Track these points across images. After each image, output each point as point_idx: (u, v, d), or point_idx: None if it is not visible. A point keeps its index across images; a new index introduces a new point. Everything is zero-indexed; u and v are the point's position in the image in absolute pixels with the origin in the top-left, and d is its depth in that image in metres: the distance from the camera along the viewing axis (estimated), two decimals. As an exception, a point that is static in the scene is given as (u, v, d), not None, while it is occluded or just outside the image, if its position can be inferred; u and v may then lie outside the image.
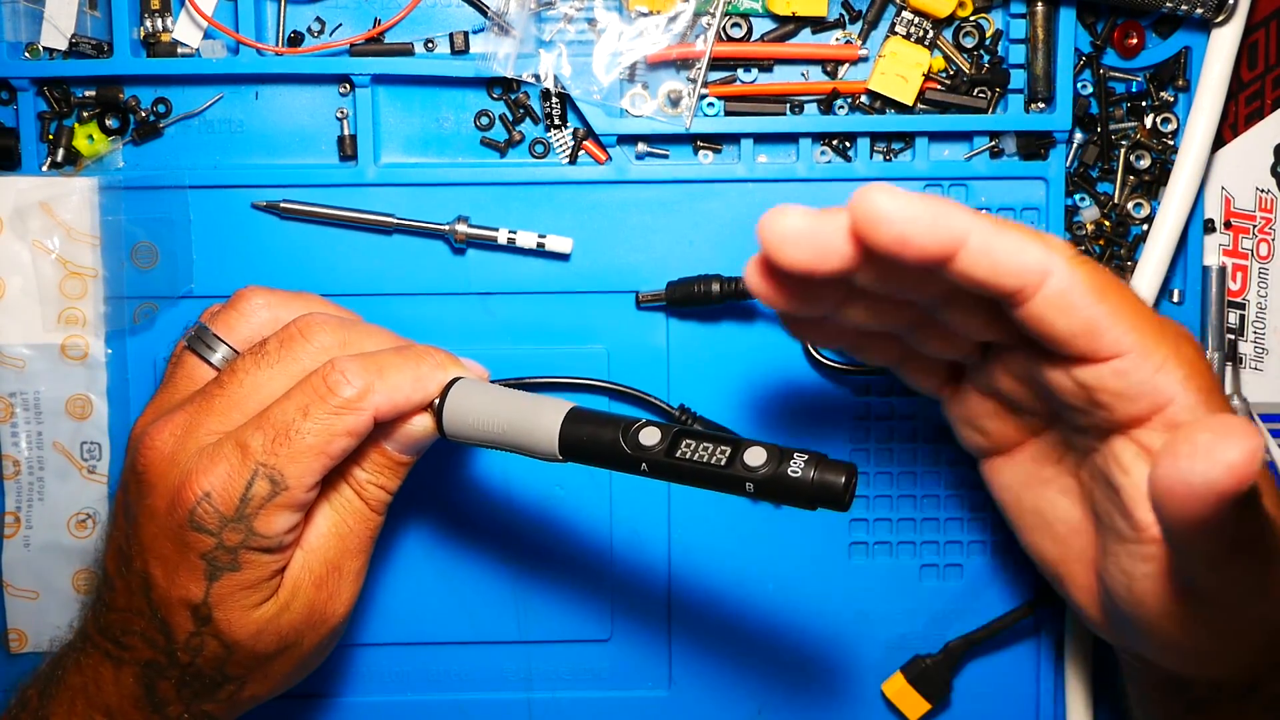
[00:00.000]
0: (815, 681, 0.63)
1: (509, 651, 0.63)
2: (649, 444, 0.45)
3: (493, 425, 0.48)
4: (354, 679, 0.63)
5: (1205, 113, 0.60)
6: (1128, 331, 0.41)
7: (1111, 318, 0.41)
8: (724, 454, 0.45)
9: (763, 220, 0.42)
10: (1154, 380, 0.42)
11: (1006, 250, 0.40)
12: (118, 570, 0.49)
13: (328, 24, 0.60)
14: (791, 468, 0.44)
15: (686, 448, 0.45)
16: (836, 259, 0.41)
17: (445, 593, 0.62)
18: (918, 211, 0.39)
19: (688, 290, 0.60)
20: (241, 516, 0.46)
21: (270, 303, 0.53)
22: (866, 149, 0.61)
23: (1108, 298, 0.41)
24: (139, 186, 0.60)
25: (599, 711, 0.63)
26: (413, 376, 0.48)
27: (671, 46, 0.59)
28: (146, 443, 0.48)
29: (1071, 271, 0.41)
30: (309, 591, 0.50)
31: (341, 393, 0.46)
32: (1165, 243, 0.60)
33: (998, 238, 0.40)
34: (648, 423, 0.46)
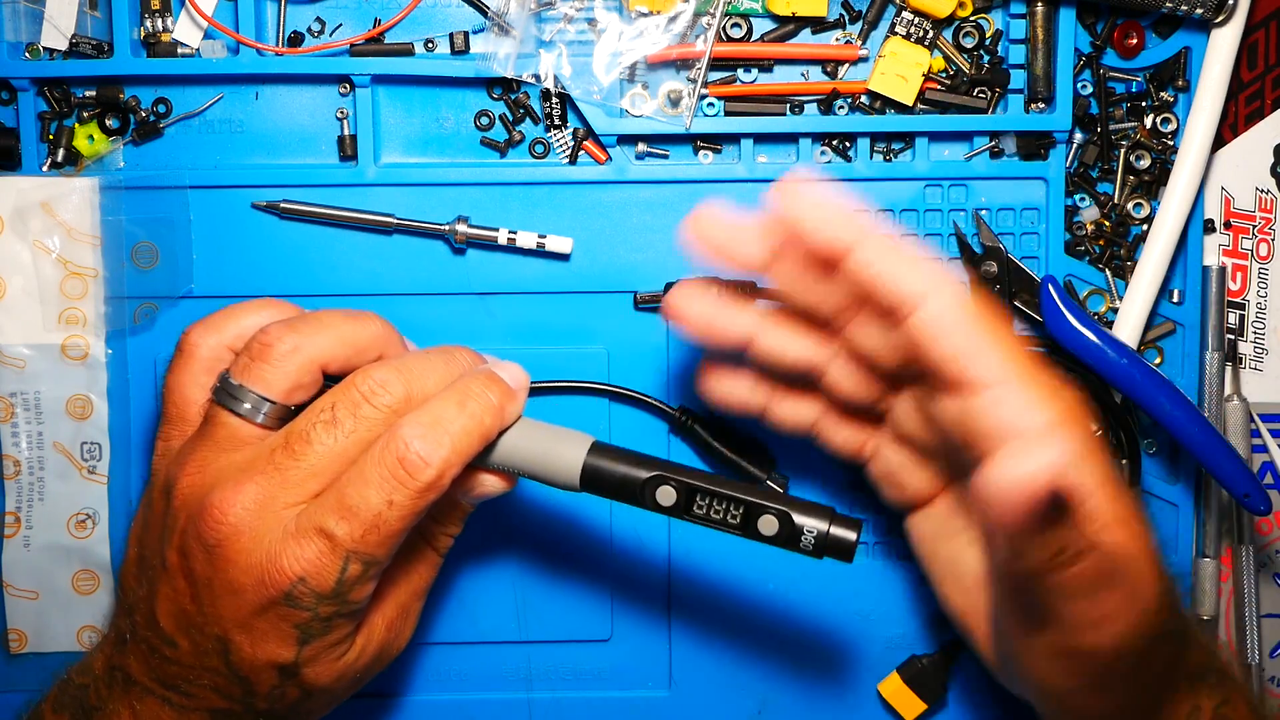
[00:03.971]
0: (814, 681, 0.63)
1: (509, 651, 0.63)
2: (665, 504, 0.49)
3: (517, 460, 0.49)
4: (354, 679, 0.63)
5: (1205, 113, 0.60)
6: (1000, 362, 0.43)
7: (985, 347, 0.43)
8: (736, 518, 0.48)
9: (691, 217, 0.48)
10: (1024, 414, 0.43)
11: (888, 270, 0.44)
12: (180, 630, 0.48)
13: (328, 24, 0.60)
14: (803, 540, 0.47)
15: (701, 506, 0.48)
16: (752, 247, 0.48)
17: (445, 593, 0.62)
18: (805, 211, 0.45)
19: (690, 479, 0.59)
20: (338, 595, 0.47)
21: (298, 345, 0.49)
22: (866, 149, 0.61)
23: (985, 328, 0.44)
24: (139, 186, 0.60)
25: (599, 711, 0.63)
26: (479, 435, 0.48)
27: (671, 46, 0.59)
28: (217, 516, 0.46)
29: (948, 300, 0.44)
30: (381, 634, 0.52)
31: (422, 478, 0.46)
32: (1165, 243, 0.60)
33: (882, 257, 0.45)
34: (663, 477, 0.48)
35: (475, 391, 0.48)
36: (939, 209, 0.61)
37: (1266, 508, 0.59)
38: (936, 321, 0.44)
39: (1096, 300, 0.62)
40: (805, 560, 0.62)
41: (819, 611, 0.63)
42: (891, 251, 0.45)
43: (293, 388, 0.49)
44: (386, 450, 0.46)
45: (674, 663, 0.63)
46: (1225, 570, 0.64)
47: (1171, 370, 0.62)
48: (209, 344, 0.51)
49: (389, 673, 0.63)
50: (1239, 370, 0.63)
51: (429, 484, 0.46)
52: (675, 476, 0.48)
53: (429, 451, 0.46)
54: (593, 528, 0.62)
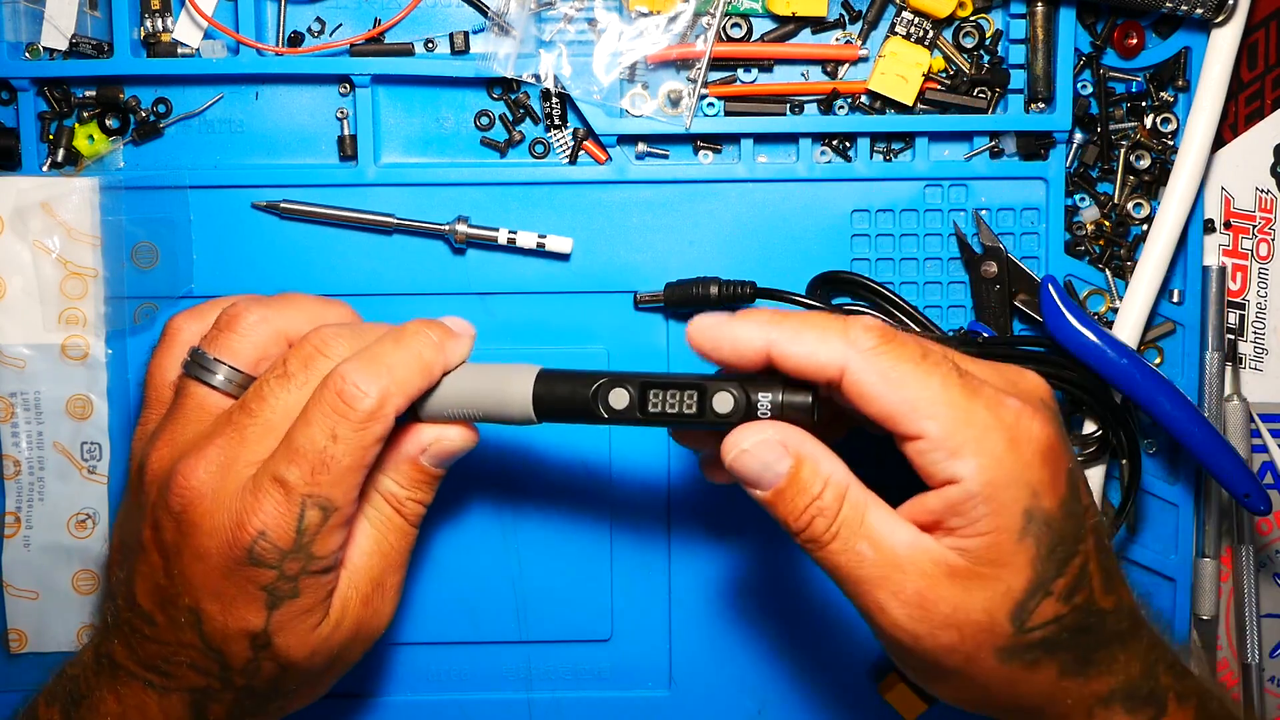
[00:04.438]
0: (814, 681, 0.63)
1: (509, 651, 0.63)
2: (620, 406, 0.48)
3: (467, 402, 0.49)
4: (355, 678, 0.63)
5: (1205, 113, 0.60)
6: (924, 418, 0.44)
7: (908, 404, 0.44)
8: (692, 402, 0.48)
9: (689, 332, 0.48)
10: (947, 463, 0.44)
11: (801, 352, 0.45)
12: (157, 606, 0.49)
13: (328, 24, 0.60)
14: (760, 408, 0.47)
15: (655, 401, 0.48)
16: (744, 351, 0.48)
17: (445, 593, 0.62)
18: (719, 334, 0.47)
19: (686, 292, 0.60)
20: (300, 547, 0.46)
21: (265, 315, 0.51)
22: (866, 149, 0.61)
23: (905, 385, 0.45)
24: (139, 186, 0.60)
25: (599, 711, 0.63)
26: (419, 367, 0.48)
27: (671, 46, 0.59)
28: (181, 482, 0.47)
29: (865, 364, 0.45)
30: (357, 608, 0.51)
31: (361, 406, 0.46)
32: (1165, 243, 0.60)
33: (792, 343, 0.46)
34: (613, 380, 0.48)
35: (413, 329, 0.49)
36: (939, 209, 0.61)
37: (1266, 508, 0.59)
38: (857, 389, 0.45)
39: (1096, 300, 0.62)
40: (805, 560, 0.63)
41: (819, 611, 0.63)
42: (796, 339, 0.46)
43: (260, 358, 0.51)
44: (326, 388, 0.47)
45: (674, 663, 0.63)
46: (1225, 570, 0.64)
47: (1171, 370, 0.62)
48: (191, 329, 0.53)
49: (389, 673, 0.63)
50: (1239, 370, 0.63)
51: (369, 413, 0.46)
52: (624, 377, 0.48)
53: (366, 381, 0.46)
54: (593, 528, 0.62)
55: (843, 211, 0.61)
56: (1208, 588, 0.63)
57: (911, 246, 0.61)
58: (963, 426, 0.44)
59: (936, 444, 0.44)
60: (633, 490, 0.62)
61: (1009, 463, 0.45)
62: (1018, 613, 0.45)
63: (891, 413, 0.45)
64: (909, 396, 0.44)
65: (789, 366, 0.46)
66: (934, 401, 0.44)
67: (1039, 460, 0.45)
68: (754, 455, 0.46)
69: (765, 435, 0.46)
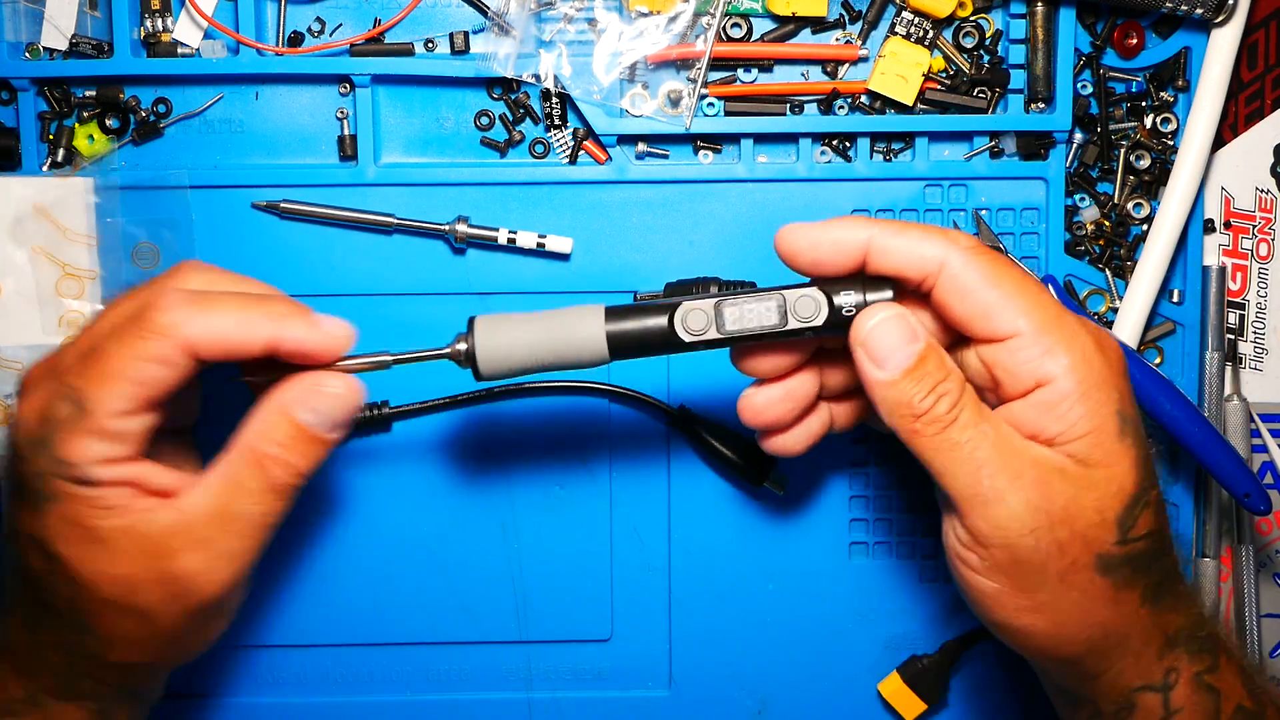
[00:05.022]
0: (814, 681, 0.63)
1: (509, 651, 0.63)
2: (698, 327, 0.47)
3: (533, 352, 0.47)
4: (355, 679, 0.63)
5: (1205, 113, 0.60)
6: (1019, 315, 0.45)
7: (1005, 301, 0.45)
8: (771, 312, 0.47)
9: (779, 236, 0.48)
10: (1040, 360, 0.45)
11: (903, 247, 0.46)
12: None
13: (328, 24, 0.60)
14: (845, 308, 0.47)
15: (734, 316, 0.47)
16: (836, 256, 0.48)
17: (445, 593, 0.62)
18: (819, 235, 0.47)
19: (686, 292, 0.60)
20: (44, 439, 0.45)
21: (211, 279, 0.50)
22: (866, 149, 0.61)
23: (1002, 284, 0.46)
24: (138, 187, 0.60)
25: (599, 711, 0.63)
26: (239, 319, 0.46)
27: (671, 46, 0.59)
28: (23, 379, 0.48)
29: (966, 261, 0.46)
30: (163, 556, 0.46)
31: (153, 318, 0.45)
32: (1165, 243, 0.60)
33: (895, 238, 0.46)
34: (689, 305, 0.47)
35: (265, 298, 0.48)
36: (939, 209, 0.61)
37: (1266, 508, 0.59)
38: (956, 285, 0.46)
39: (1096, 300, 0.62)
40: (805, 560, 0.63)
41: (819, 611, 0.63)
42: (897, 235, 0.46)
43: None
44: (136, 299, 0.46)
45: (674, 663, 0.63)
46: (1225, 570, 0.64)
47: (1171, 370, 0.62)
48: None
49: (390, 673, 0.63)
50: (1239, 370, 0.63)
51: (157, 326, 0.45)
52: (697, 298, 0.47)
53: (172, 301, 0.45)
54: (593, 528, 0.62)
55: (843, 211, 0.61)
56: (1208, 588, 0.63)
57: (911, 246, 0.61)
58: (1055, 326, 0.45)
59: (1030, 340, 0.45)
60: (633, 490, 0.62)
61: (1098, 364, 0.45)
62: (1125, 516, 0.45)
63: (988, 309, 0.45)
64: (1005, 294, 0.45)
65: (889, 262, 0.46)
66: (1029, 301, 0.45)
67: (1123, 370, 0.46)
68: (888, 333, 0.46)
69: (898, 312, 0.46)
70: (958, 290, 0.46)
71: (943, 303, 0.46)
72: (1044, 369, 0.45)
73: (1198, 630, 0.48)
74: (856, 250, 0.47)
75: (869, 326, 0.46)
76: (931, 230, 0.47)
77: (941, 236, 0.46)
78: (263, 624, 0.62)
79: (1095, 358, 0.45)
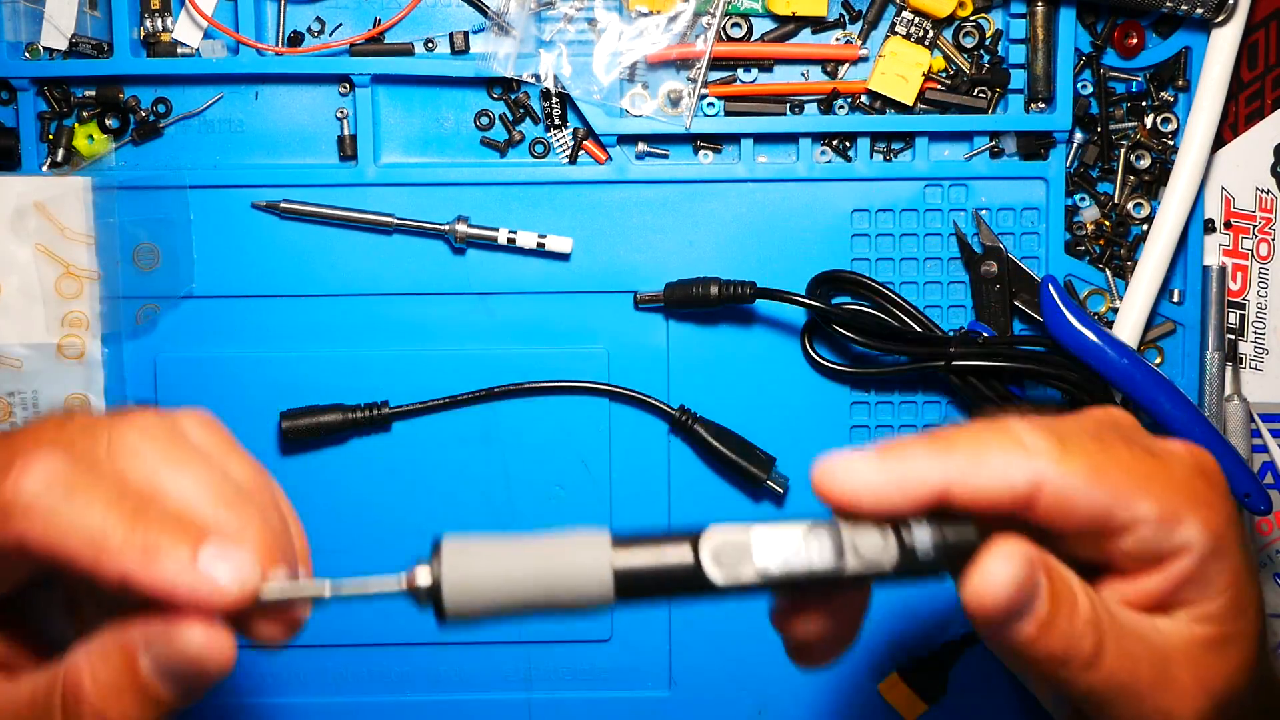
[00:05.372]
0: (814, 681, 0.63)
1: (509, 651, 0.63)
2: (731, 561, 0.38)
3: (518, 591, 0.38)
4: (355, 679, 0.63)
5: (1205, 113, 0.60)
6: (1140, 500, 0.38)
7: (1116, 494, 0.38)
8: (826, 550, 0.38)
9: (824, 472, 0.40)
10: (1172, 536, 0.38)
11: (989, 482, 0.37)
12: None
13: (328, 24, 0.60)
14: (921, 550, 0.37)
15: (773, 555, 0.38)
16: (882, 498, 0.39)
17: (445, 593, 0.62)
18: (884, 479, 0.38)
19: (686, 292, 0.60)
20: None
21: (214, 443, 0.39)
22: (866, 149, 0.61)
23: (1108, 478, 0.38)
24: (138, 186, 0.60)
25: (599, 711, 0.63)
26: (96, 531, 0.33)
27: (671, 46, 0.59)
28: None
29: (1063, 472, 0.37)
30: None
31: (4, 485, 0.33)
32: (1165, 243, 0.60)
33: (976, 474, 0.37)
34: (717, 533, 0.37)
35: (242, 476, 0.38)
36: (939, 209, 0.61)
37: (1267, 508, 0.59)
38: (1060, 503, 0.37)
39: (1096, 300, 0.62)
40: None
41: (819, 611, 0.63)
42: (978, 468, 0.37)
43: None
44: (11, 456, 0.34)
45: (674, 663, 0.63)
46: (1225, 570, 0.64)
47: (1171, 370, 0.62)
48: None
49: (390, 673, 0.63)
50: (1239, 370, 0.63)
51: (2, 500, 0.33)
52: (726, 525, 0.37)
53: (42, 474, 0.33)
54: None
55: (843, 211, 0.61)
56: (1208, 588, 0.63)
57: (911, 246, 0.61)
58: (1171, 491, 0.38)
59: (1159, 521, 0.38)
60: (633, 490, 0.62)
61: (1218, 504, 0.39)
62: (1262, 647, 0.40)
63: (1105, 509, 0.38)
64: (1115, 485, 0.38)
65: (971, 500, 0.37)
66: (1139, 477, 0.38)
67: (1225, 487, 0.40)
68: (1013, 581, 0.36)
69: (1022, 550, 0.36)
70: (1066, 504, 0.37)
71: (1050, 519, 0.38)
72: (1178, 541, 0.38)
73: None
74: (931, 493, 0.37)
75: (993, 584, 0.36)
76: (1008, 445, 0.38)
77: (1021, 451, 0.37)
78: (262, 624, 0.62)
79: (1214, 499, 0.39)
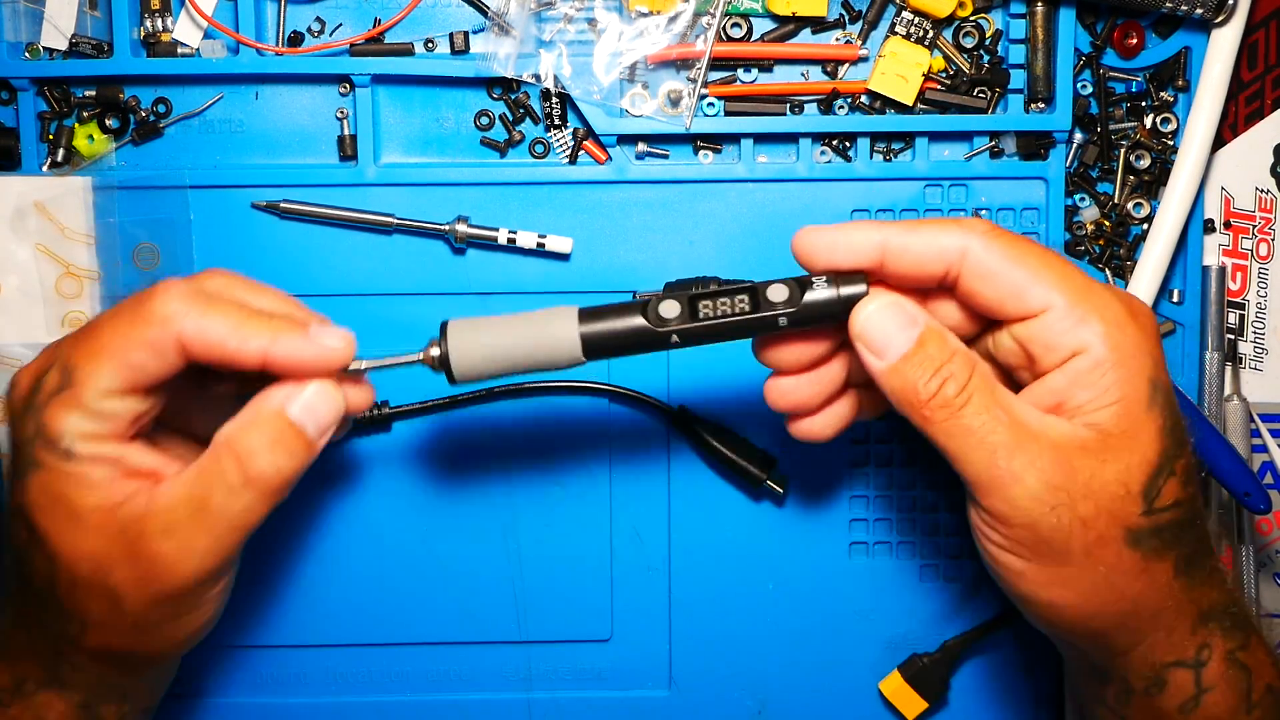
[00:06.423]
0: (814, 681, 0.63)
1: (509, 651, 0.63)
2: (671, 316, 0.47)
3: (506, 355, 0.47)
4: (355, 679, 0.63)
5: (1205, 113, 0.60)
6: (1050, 289, 0.45)
7: (1033, 277, 0.45)
8: (744, 302, 0.47)
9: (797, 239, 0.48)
10: (1074, 330, 0.45)
11: (920, 243, 0.46)
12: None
13: (328, 24, 0.60)
14: (816, 292, 0.47)
15: (707, 308, 0.47)
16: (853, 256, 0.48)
17: (445, 593, 0.62)
18: (834, 238, 0.47)
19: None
20: (31, 405, 0.46)
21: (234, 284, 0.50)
22: (866, 149, 0.61)
23: (1027, 261, 0.45)
24: (137, 186, 0.60)
25: (599, 711, 0.63)
26: (235, 323, 0.46)
27: (671, 46, 0.59)
28: None
29: (986, 244, 0.46)
30: (134, 538, 0.46)
31: (152, 306, 0.46)
32: (1165, 243, 0.60)
33: (910, 234, 0.46)
34: (660, 296, 0.47)
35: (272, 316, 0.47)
36: (939, 209, 0.61)
37: (1266, 507, 0.59)
38: (982, 269, 0.45)
39: (1096, 300, 0.62)
40: (805, 560, 0.63)
41: (819, 611, 0.63)
42: (913, 232, 0.46)
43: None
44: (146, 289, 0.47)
45: (674, 663, 0.63)
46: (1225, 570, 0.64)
47: (1172, 370, 0.62)
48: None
49: (390, 673, 0.63)
50: (1239, 370, 0.63)
51: (155, 314, 0.45)
52: (667, 295, 0.47)
53: (176, 294, 0.46)
54: (593, 528, 0.62)
55: (843, 211, 0.61)
56: (1207, 587, 0.63)
57: (911, 246, 0.61)
58: (1086, 295, 0.45)
59: (1063, 313, 0.45)
60: (633, 490, 0.62)
61: (1132, 330, 0.45)
62: (1150, 486, 0.45)
63: (1016, 287, 0.45)
64: (1032, 271, 0.45)
65: (907, 260, 0.46)
66: (1056, 275, 0.45)
67: (1155, 334, 0.46)
68: (883, 320, 0.46)
69: (892, 299, 0.46)
70: (983, 275, 0.46)
71: (970, 290, 0.46)
72: (1078, 338, 0.45)
73: (1230, 606, 0.48)
74: (872, 251, 0.46)
75: (864, 315, 0.46)
76: (946, 222, 0.47)
77: (957, 226, 0.46)
78: (262, 624, 0.62)
79: (1128, 324, 0.45)
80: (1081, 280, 0.46)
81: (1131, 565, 0.45)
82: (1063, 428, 0.45)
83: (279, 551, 0.62)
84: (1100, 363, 0.44)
